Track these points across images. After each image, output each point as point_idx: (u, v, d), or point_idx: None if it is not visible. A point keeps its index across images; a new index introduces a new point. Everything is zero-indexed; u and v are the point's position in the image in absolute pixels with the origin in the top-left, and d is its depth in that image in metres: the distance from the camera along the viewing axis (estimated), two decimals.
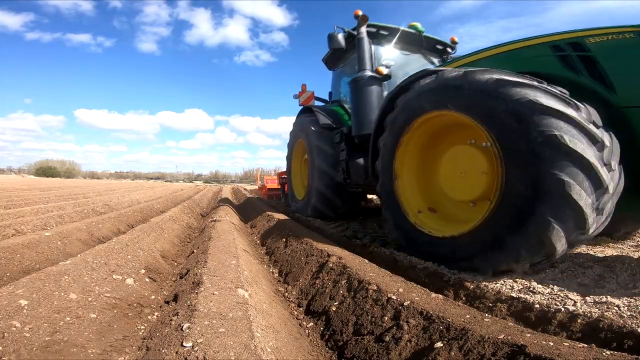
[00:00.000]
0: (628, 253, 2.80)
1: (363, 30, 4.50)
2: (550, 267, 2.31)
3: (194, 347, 1.25)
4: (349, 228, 4.58)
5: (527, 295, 1.84)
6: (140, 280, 2.41)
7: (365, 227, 4.71)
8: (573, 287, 1.95)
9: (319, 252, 2.85)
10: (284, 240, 3.71)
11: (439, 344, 1.33)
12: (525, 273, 2.17)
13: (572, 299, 1.73)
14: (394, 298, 1.74)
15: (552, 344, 1.16)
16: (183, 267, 2.97)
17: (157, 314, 1.99)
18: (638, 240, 3.33)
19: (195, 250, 3.34)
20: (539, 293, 1.86)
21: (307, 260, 2.85)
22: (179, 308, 1.70)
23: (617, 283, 1.98)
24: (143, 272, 2.59)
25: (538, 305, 1.71)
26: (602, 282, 2.02)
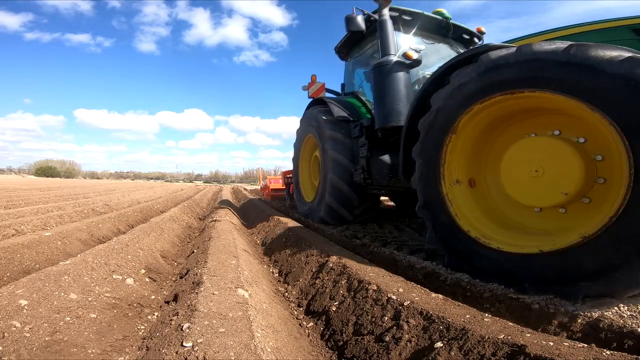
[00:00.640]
0: None
1: (386, 12, 4.04)
2: None
3: (194, 347, 1.25)
4: (349, 228, 4.57)
5: None
6: (140, 280, 2.41)
7: (365, 227, 4.70)
8: None
9: (319, 252, 2.85)
10: (284, 241, 3.72)
11: (439, 344, 1.33)
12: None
13: None
14: (394, 298, 1.74)
15: (552, 344, 1.16)
16: (183, 267, 2.97)
17: (157, 314, 1.99)
18: None
19: (195, 250, 3.34)
20: None
21: (307, 260, 2.85)
22: (179, 308, 1.70)
23: None
24: (143, 272, 2.59)
25: None
26: None
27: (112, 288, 2.07)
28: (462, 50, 4.56)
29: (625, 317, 1.50)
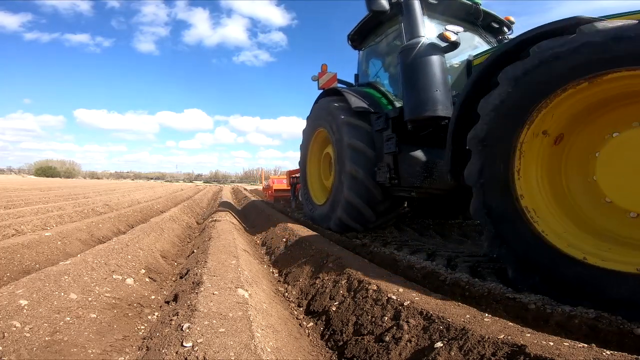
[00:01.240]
0: None
1: None
2: None
3: (194, 347, 1.25)
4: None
5: None
6: (141, 280, 2.41)
7: None
8: None
9: (319, 252, 2.85)
10: (284, 241, 3.72)
11: (439, 344, 1.33)
12: None
13: None
14: (394, 298, 1.74)
15: (552, 344, 1.16)
16: (183, 267, 2.97)
17: (157, 314, 1.99)
18: None
19: (196, 250, 3.34)
20: None
21: (307, 260, 2.85)
22: (179, 308, 1.70)
23: None
24: (143, 272, 2.59)
25: None
26: None
27: (112, 288, 2.07)
28: (491, 40, 4.22)
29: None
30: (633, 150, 1.76)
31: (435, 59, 3.25)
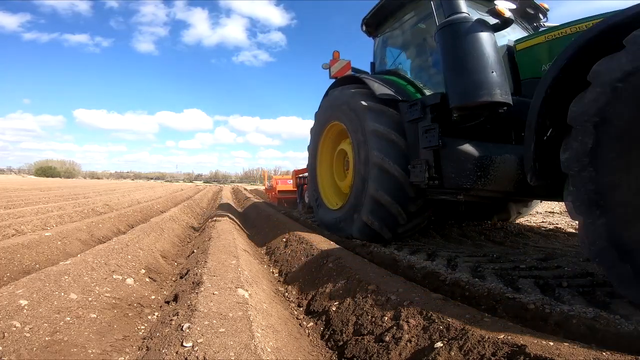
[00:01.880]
0: None
1: None
2: None
3: (194, 347, 1.25)
4: None
5: None
6: (141, 280, 2.42)
7: None
8: None
9: (319, 252, 2.85)
10: (284, 241, 3.72)
11: (439, 344, 1.33)
12: None
13: None
14: (394, 298, 1.74)
15: (552, 344, 1.16)
16: (183, 267, 2.97)
17: (157, 314, 1.99)
18: None
19: (195, 250, 3.34)
20: None
21: (307, 260, 2.85)
22: (179, 308, 1.70)
23: None
24: (143, 272, 2.59)
25: None
26: None
27: (112, 288, 2.07)
28: (527, 26, 3.84)
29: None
30: None
31: (487, 37, 2.79)
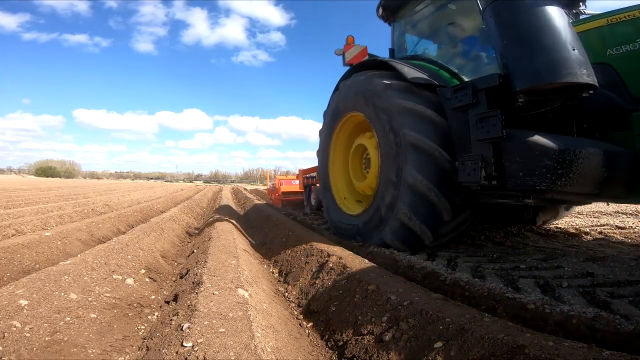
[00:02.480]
0: None
1: None
2: None
3: (194, 347, 1.25)
4: None
5: None
6: (141, 280, 2.42)
7: None
8: None
9: (319, 252, 2.85)
10: (284, 240, 3.71)
11: (439, 344, 1.33)
12: None
13: None
14: (394, 298, 1.74)
15: (551, 344, 1.16)
16: (183, 267, 2.97)
17: (157, 314, 2.00)
18: None
19: (195, 250, 3.34)
20: None
21: (307, 260, 2.85)
22: (179, 308, 1.70)
23: None
24: (143, 272, 2.59)
25: None
26: None
27: (112, 288, 2.07)
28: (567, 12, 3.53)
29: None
30: None
31: (558, 11, 2.39)
